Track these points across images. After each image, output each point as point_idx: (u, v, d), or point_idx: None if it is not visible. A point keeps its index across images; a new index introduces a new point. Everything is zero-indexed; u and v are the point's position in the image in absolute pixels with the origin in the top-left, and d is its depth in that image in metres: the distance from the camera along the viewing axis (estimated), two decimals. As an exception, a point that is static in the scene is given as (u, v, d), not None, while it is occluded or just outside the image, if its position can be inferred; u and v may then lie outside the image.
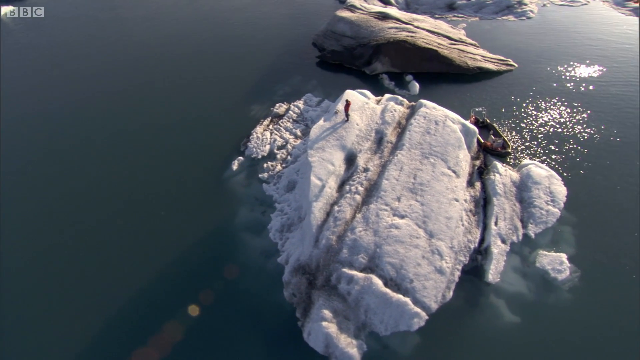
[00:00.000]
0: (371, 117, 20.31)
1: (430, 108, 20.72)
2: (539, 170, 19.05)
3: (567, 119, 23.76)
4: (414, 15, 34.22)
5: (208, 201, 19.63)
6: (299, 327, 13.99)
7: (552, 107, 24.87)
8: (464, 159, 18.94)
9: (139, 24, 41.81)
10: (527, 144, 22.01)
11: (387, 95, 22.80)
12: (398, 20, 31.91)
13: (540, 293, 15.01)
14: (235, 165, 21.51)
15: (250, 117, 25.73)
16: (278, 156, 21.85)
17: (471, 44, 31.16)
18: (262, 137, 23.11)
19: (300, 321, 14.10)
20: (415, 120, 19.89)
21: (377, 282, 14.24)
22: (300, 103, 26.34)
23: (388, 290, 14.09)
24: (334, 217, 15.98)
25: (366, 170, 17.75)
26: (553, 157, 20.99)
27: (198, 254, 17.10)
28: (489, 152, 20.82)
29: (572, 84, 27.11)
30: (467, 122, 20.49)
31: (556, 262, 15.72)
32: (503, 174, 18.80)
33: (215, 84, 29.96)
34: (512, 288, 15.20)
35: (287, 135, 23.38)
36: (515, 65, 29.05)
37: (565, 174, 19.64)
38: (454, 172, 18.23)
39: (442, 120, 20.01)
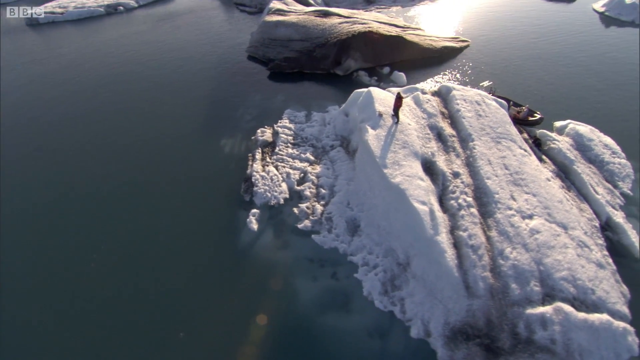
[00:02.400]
0: (414, 113, 16.88)
1: (461, 89, 18.53)
2: (580, 127, 18.68)
3: (544, 72, 24.93)
4: (352, 10, 32.57)
5: (247, 291, 13.00)
6: None
7: (525, 66, 25.89)
8: (519, 135, 17.21)
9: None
10: (538, 106, 21.89)
11: (398, 88, 19.78)
12: (340, 15, 29.64)
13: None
14: (253, 224, 15.19)
15: (229, 155, 19.44)
16: (306, 193, 16.39)
17: (417, 29, 31.00)
18: (268, 175, 17.24)
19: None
20: (459, 106, 17.31)
21: (569, 309, 10.76)
22: (286, 122, 21.19)
23: (585, 315, 10.76)
24: (469, 247, 11.84)
25: (457, 175, 14.15)
26: (569, 109, 21.17)
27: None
28: (521, 123, 19.77)
29: (524, 42, 29.16)
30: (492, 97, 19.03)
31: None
32: (561, 140, 17.75)
33: (164, 127, 22.40)
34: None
35: (298, 163, 18.03)
36: (469, 40, 29.88)
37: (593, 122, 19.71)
38: (525, 150, 16.24)
39: (481, 100, 17.98)
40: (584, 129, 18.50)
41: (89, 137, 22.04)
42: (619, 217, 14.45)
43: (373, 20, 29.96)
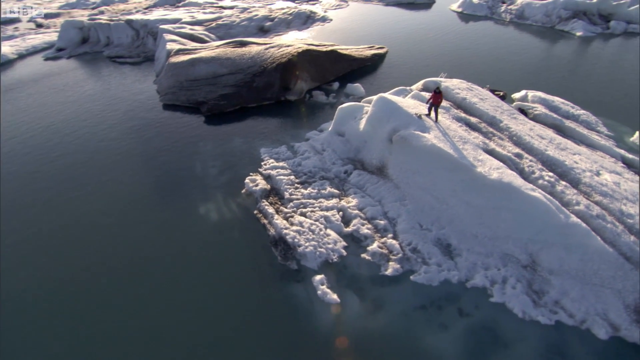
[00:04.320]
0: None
1: (445, 81, 18.73)
2: (537, 93, 21.12)
3: (455, 58, 28.15)
4: (265, 39, 30.84)
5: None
6: None
7: (441, 58, 28.77)
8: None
9: None
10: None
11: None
12: (258, 43, 27.62)
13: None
14: (327, 294, 11.38)
15: (222, 222, 14.96)
16: (363, 232, 13.34)
17: (333, 44, 31.39)
18: (305, 228, 13.54)
19: None
20: (462, 94, 17.40)
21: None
22: (272, 162, 17.61)
23: None
24: (595, 218, 11.07)
25: (519, 155, 13.55)
26: (499, 82, 23.93)
27: None
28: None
29: (425, 40, 32.65)
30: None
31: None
32: (537, 106, 19.55)
33: (122, 207, 15.58)
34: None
35: (325, 202, 14.81)
36: (385, 47, 31.74)
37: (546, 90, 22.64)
38: (529, 120, 17.24)
39: (470, 86, 18.52)
40: (542, 94, 20.97)
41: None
42: (627, 154, 16.31)
43: (292, 42, 28.89)
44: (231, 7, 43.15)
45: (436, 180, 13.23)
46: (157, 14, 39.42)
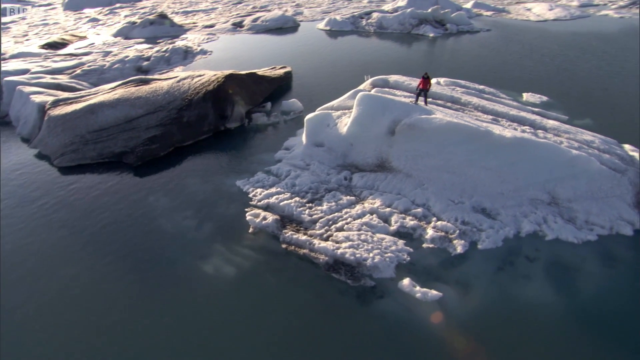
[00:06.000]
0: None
1: (396, 77, 20.53)
2: (448, 79, 25.15)
3: (347, 67, 31.39)
4: (164, 74, 27.23)
5: None
6: None
7: (336, 69, 31.42)
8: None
9: None
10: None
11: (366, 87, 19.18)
12: (161, 79, 24.37)
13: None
14: (427, 293, 10.76)
15: (247, 273, 12.40)
16: (408, 224, 13.08)
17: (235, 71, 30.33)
18: (354, 242, 12.42)
19: None
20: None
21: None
22: (263, 191, 15.58)
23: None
24: (583, 148, 13.79)
25: (497, 120, 15.77)
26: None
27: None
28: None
29: (313, 57, 35.00)
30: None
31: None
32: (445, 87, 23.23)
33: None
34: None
35: (353, 210, 13.91)
36: (287, 66, 32.35)
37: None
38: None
39: (412, 79, 20.64)
40: (448, 79, 25.05)
41: None
42: (532, 108, 20.96)
43: (201, 72, 26.50)
44: (86, 54, 36.55)
45: (449, 156, 14.18)
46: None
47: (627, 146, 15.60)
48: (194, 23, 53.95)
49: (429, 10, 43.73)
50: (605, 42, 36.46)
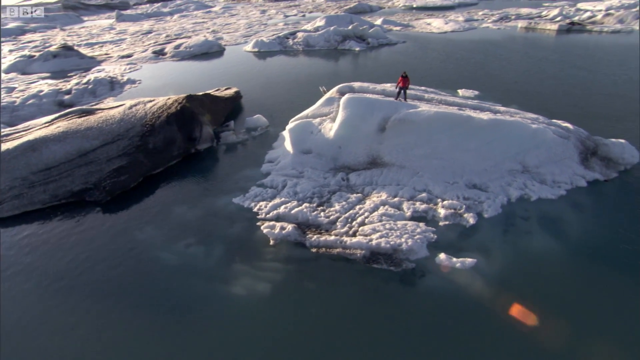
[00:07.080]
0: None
1: (356, 84, 21.88)
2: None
3: (305, 74, 32.81)
4: (108, 103, 24.48)
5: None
6: None
7: (287, 85, 32.43)
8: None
9: None
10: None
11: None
12: (107, 108, 22.16)
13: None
14: (465, 261, 11.85)
15: (283, 286, 12.23)
16: (419, 207, 14.17)
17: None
18: (382, 232, 12.99)
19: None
20: (386, 87, 20.77)
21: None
22: (267, 204, 15.26)
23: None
24: (537, 124, 16.65)
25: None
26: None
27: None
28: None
29: (262, 75, 35.43)
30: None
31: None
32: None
33: None
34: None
35: (364, 205, 14.49)
36: (234, 87, 31.97)
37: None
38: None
39: (371, 83, 22.31)
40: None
41: None
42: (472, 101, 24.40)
43: (147, 98, 24.67)
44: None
45: (436, 144, 15.85)
46: None
47: (555, 120, 19.28)
48: (106, 54, 49.63)
49: (350, 27, 47.64)
50: (496, 46, 44.12)
